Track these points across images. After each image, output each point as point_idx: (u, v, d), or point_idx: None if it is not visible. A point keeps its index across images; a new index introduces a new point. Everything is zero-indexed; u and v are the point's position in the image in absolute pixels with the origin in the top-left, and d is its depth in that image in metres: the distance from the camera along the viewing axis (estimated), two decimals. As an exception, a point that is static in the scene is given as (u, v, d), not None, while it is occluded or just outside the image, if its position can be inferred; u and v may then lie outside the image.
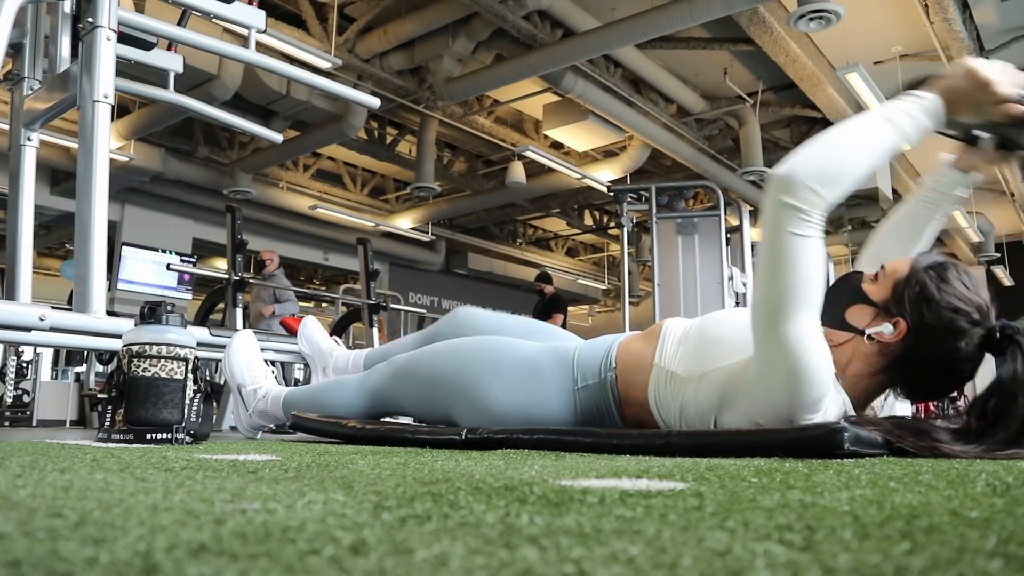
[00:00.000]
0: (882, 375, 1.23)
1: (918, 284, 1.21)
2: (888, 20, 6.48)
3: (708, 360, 1.29)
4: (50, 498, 0.53)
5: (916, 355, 1.20)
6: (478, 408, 1.51)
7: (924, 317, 1.19)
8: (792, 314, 1.09)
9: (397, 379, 1.69)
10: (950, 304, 1.19)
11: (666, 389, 1.34)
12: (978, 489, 0.64)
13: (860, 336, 1.23)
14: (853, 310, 1.25)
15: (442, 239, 12.20)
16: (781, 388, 1.14)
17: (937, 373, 1.22)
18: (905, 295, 1.21)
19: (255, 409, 1.84)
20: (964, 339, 1.18)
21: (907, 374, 1.23)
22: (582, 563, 0.33)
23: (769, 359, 1.14)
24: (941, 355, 1.20)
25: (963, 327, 1.18)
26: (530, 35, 6.14)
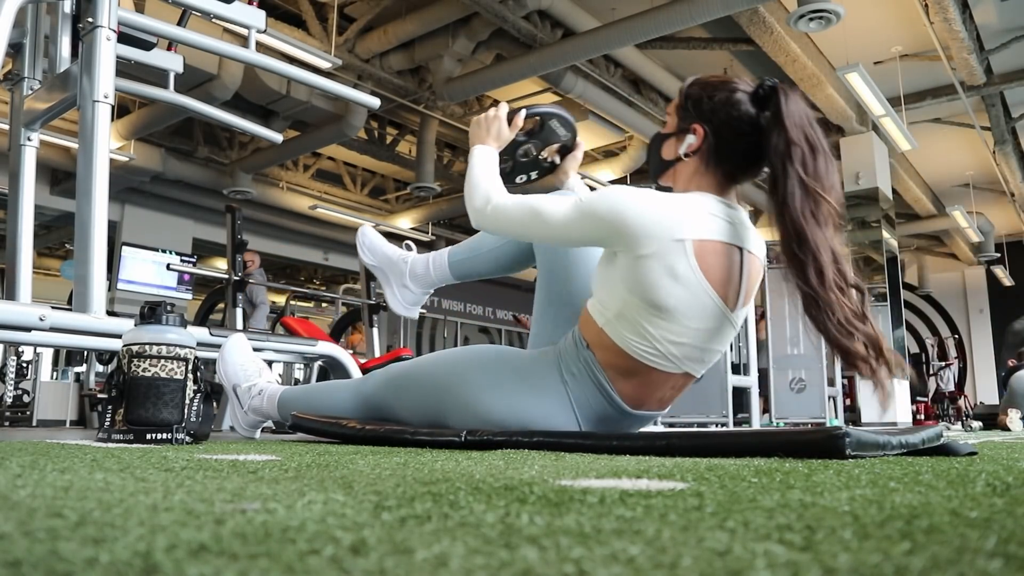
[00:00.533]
0: (714, 172, 1.44)
1: (688, 96, 1.47)
2: (888, 20, 6.48)
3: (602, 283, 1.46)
4: (50, 498, 0.53)
5: (719, 139, 1.43)
6: (474, 415, 1.51)
7: (706, 111, 1.43)
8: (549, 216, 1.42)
9: (392, 386, 1.69)
10: (717, 90, 1.44)
11: (624, 328, 1.40)
12: (978, 489, 0.64)
13: (681, 160, 1.46)
14: (665, 149, 1.50)
15: (442, 239, 12.20)
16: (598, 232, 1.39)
17: (743, 140, 1.42)
18: (686, 108, 1.47)
19: (250, 406, 1.84)
20: (741, 105, 1.41)
21: (726, 156, 1.43)
22: (582, 563, 0.33)
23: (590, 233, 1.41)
24: (734, 124, 1.42)
25: (735, 98, 1.42)
26: (530, 35, 6.14)
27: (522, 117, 1.67)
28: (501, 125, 1.64)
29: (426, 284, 1.84)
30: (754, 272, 1.47)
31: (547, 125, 1.71)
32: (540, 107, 1.72)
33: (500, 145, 1.64)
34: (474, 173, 1.58)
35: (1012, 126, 8.23)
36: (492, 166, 1.60)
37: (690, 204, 1.38)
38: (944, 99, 7.52)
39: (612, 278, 1.41)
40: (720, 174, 1.45)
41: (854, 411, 7.71)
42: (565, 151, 1.77)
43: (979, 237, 10.75)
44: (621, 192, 1.38)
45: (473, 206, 1.54)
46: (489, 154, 1.61)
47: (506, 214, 1.48)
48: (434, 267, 1.82)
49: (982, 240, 11.07)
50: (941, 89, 7.47)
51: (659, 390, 1.46)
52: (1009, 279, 12.62)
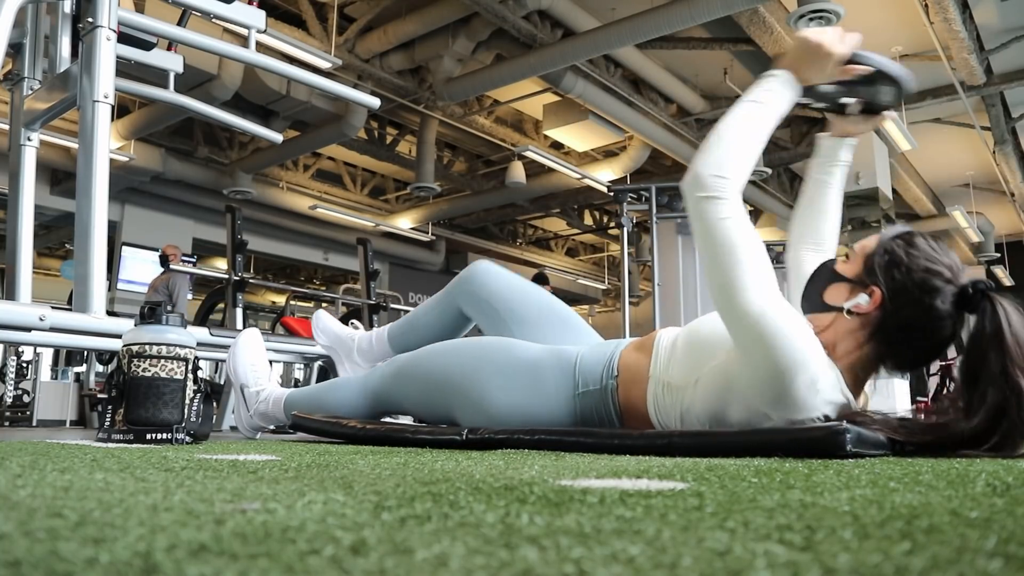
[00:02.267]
0: (867, 347, 1.25)
1: (887, 252, 1.25)
2: (888, 20, 6.48)
3: (699, 363, 1.31)
4: (50, 498, 0.53)
5: (895, 320, 1.22)
6: (479, 409, 1.51)
7: (896, 281, 1.22)
8: (743, 287, 1.15)
9: (398, 379, 1.69)
10: (920, 265, 1.22)
11: (664, 399, 1.35)
12: (978, 489, 0.64)
13: (840, 313, 1.25)
14: (830, 291, 1.29)
15: (442, 239, 12.21)
16: (763, 362, 1.15)
17: (918, 336, 1.23)
18: (876, 264, 1.25)
19: (256, 411, 1.84)
20: (938, 297, 1.20)
21: (890, 341, 1.24)
22: (582, 563, 0.33)
23: (742, 339, 1.17)
24: (918, 316, 1.21)
25: (936, 285, 1.21)
26: (530, 35, 6.14)
27: (863, 69, 1.32)
28: (833, 64, 1.29)
29: (371, 359, 1.95)
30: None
31: (881, 86, 1.37)
32: (891, 65, 1.36)
33: (817, 83, 1.33)
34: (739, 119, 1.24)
35: (1012, 126, 8.23)
36: (770, 125, 1.26)
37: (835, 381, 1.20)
38: (944, 99, 7.51)
39: (718, 380, 1.25)
40: (873, 356, 1.25)
41: (854, 411, 7.71)
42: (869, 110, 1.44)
43: (979, 237, 10.75)
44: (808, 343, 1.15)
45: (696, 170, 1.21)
46: (786, 100, 1.28)
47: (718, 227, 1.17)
48: (376, 342, 1.94)
49: (982, 240, 11.07)
50: (941, 89, 7.47)
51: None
52: (1009, 279, 12.61)
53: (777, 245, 7.78)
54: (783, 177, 9.92)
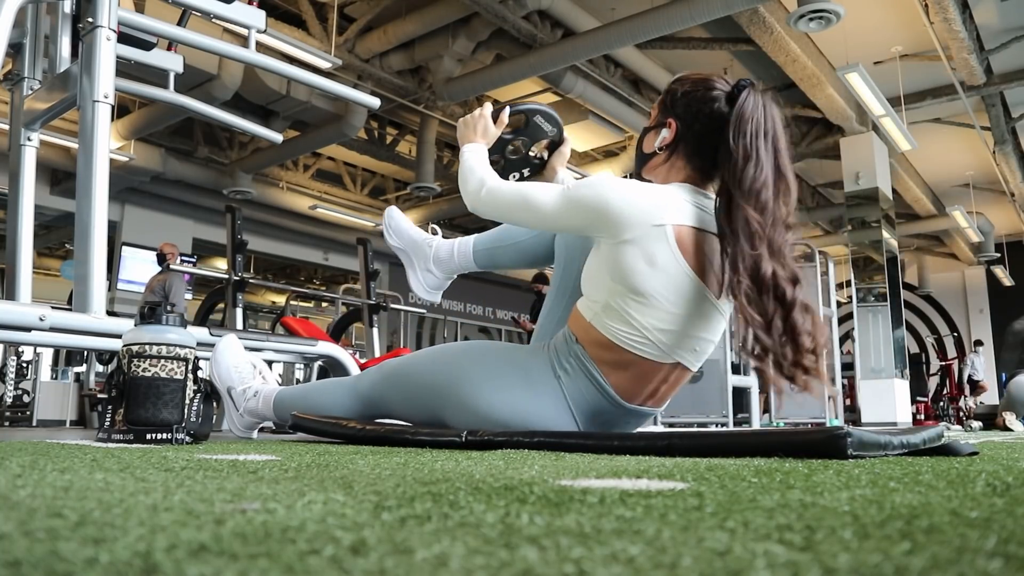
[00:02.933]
0: (687, 163, 1.48)
1: (669, 92, 1.52)
2: (888, 20, 6.48)
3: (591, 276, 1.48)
4: (50, 498, 0.53)
5: (691, 133, 1.47)
6: (469, 411, 1.51)
7: (682, 106, 1.48)
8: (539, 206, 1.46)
9: (388, 384, 1.69)
10: (695, 87, 1.48)
11: (604, 317, 1.42)
12: (978, 489, 0.64)
13: (657, 153, 1.51)
14: (645, 143, 1.55)
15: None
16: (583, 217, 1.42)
17: (711, 136, 1.44)
18: (665, 104, 1.52)
19: (246, 408, 1.83)
20: (715, 102, 1.44)
21: (694, 151, 1.47)
22: (582, 563, 0.33)
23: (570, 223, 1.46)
24: (705, 121, 1.45)
25: (709, 95, 1.45)
26: (530, 35, 6.14)
27: (507, 114, 1.71)
28: (487, 123, 1.69)
29: (449, 269, 1.84)
30: None
31: (532, 121, 1.76)
32: (523, 104, 1.77)
33: (488, 142, 1.68)
34: (467, 163, 1.62)
35: (1012, 126, 8.24)
36: (484, 158, 1.64)
37: (668, 192, 1.42)
38: (944, 99, 7.52)
39: (597, 270, 1.44)
40: (692, 168, 1.49)
41: (854, 411, 7.71)
42: (553, 147, 1.81)
43: (979, 237, 10.75)
44: (605, 180, 1.42)
45: (468, 191, 1.58)
46: (479, 150, 1.66)
47: (500, 198, 1.52)
48: (458, 253, 1.82)
49: (982, 240, 11.08)
50: (941, 89, 7.48)
51: (651, 382, 1.46)
52: (1009, 279, 12.62)
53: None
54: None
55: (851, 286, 8.20)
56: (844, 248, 10.06)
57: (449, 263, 1.82)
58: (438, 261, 1.83)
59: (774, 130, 1.40)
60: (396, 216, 1.92)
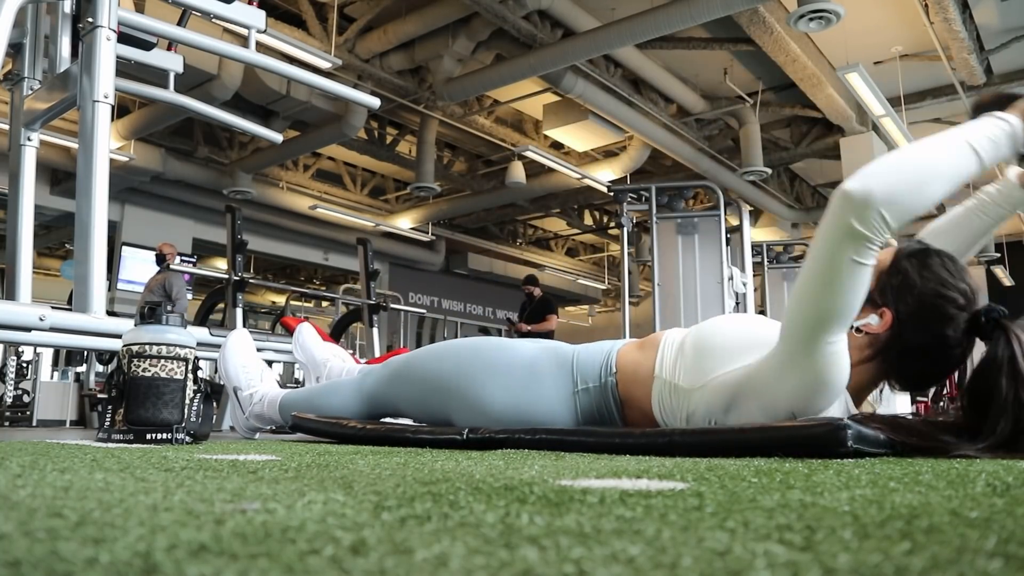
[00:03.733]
0: (872, 365, 1.24)
1: (900, 272, 1.22)
2: (888, 20, 6.48)
3: (710, 368, 1.30)
4: (50, 498, 0.53)
5: (904, 343, 1.21)
6: (476, 409, 1.50)
7: (908, 305, 1.20)
8: (834, 331, 1.11)
9: (394, 382, 1.69)
10: (933, 290, 1.19)
11: (671, 400, 1.35)
12: (978, 489, 0.64)
13: (850, 330, 1.22)
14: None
15: (442, 239, 12.21)
16: (802, 391, 1.15)
17: (926, 359, 1.22)
18: (888, 284, 1.22)
19: (251, 412, 1.84)
20: (950, 325, 1.18)
21: (897, 363, 1.23)
22: (582, 563, 0.33)
23: (799, 365, 1.14)
24: (928, 341, 1.20)
25: (948, 312, 1.18)
26: (530, 35, 6.14)
27: None
28: None
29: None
30: None
31: None
32: None
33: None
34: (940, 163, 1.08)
35: (1012, 126, 8.22)
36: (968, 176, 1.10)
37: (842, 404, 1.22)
38: (944, 99, 7.51)
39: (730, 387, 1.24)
40: (876, 371, 1.25)
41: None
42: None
43: (979, 237, 10.73)
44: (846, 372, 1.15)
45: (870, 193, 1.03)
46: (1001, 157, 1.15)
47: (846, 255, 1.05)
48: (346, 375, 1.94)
49: (982, 240, 11.06)
50: (941, 89, 7.47)
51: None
52: (1009, 279, 12.61)
53: (776, 245, 7.79)
54: (783, 177, 9.93)
55: (851, 286, 8.19)
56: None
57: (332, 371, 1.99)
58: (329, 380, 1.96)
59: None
60: (305, 333, 2.13)
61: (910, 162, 1.07)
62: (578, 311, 17.03)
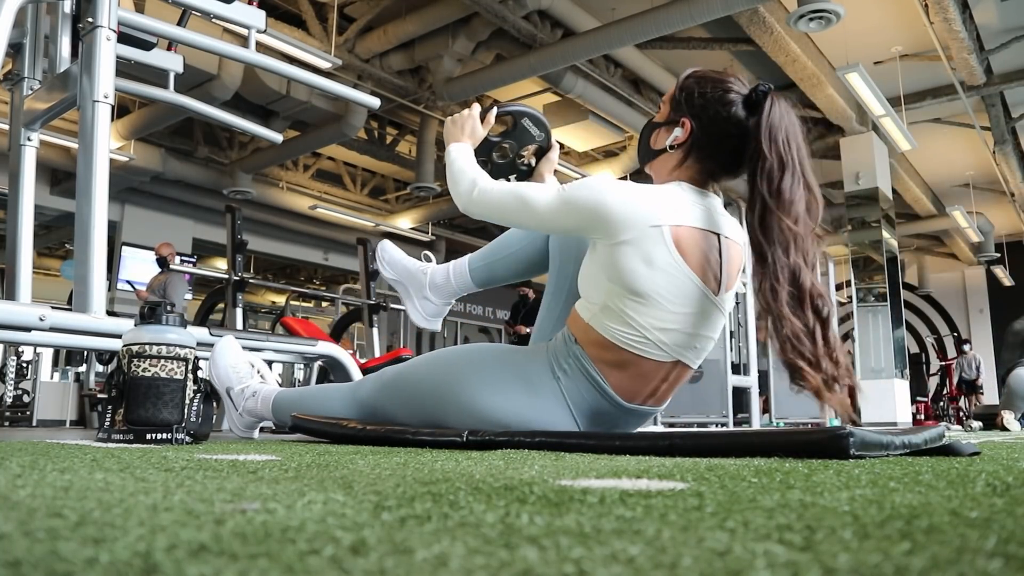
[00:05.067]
0: (695, 164, 1.47)
1: (683, 89, 1.49)
2: (888, 20, 6.48)
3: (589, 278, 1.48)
4: (50, 498, 0.53)
5: (706, 136, 1.45)
6: (470, 414, 1.51)
7: (697, 106, 1.45)
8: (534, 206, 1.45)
9: (387, 391, 1.69)
10: (712, 87, 1.46)
11: (603, 317, 1.42)
12: (978, 489, 0.64)
13: (667, 151, 1.48)
14: (654, 139, 1.52)
15: (442, 239, 12.21)
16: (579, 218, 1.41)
17: (728, 140, 1.44)
18: (680, 100, 1.49)
19: (244, 408, 1.83)
20: (732, 105, 1.43)
21: (708, 154, 1.46)
22: (582, 563, 0.33)
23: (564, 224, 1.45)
24: (722, 125, 1.43)
25: (729, 98, 1.43)
26: (530, 35, 6.14)
27: (494, 114, 1.69)
28: (475, 123, 1.67)
29: (447, 294, 1.82)
30: (734, 256, 1.49)
31: (520, 124, 1.73)
32: (511, 105, 1.74)
33: (475, 142, 1.66)
34: (456, 164, 1.59)
35: (1012, 126, 8.24)
36: (472, 158, 1.62)
37: (666, 193, 1.42)
38: (944, 99, 7.52)
39: (594, 271, 1.44)
40: (700, 170, 1.48)
41: (854, 411, 7.70)
42: (540, 153, 1.79)
43: (979, 237, 10.75)
44: (601, 181, 1.41)
45: (459, 192, 1.55)
46: (467, 149, 1.64)
47: (493, 198, 1.50)
48: (455, 275, 1.80)
49: (982, 240, 11.08)
50: (941, 89, 7.48)
51: (651, 381, 1.46)
52: (1009, 279, 12.62)
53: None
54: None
55: (851, 286, 8.20)
56: (844, 248, 10.05)
57: (446, 287, 1.80)
58: (435, 287, 1.81)
59: (798, 140, 1.39)
60: (389, 249, 1.92)
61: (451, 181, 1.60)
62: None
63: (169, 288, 6.10)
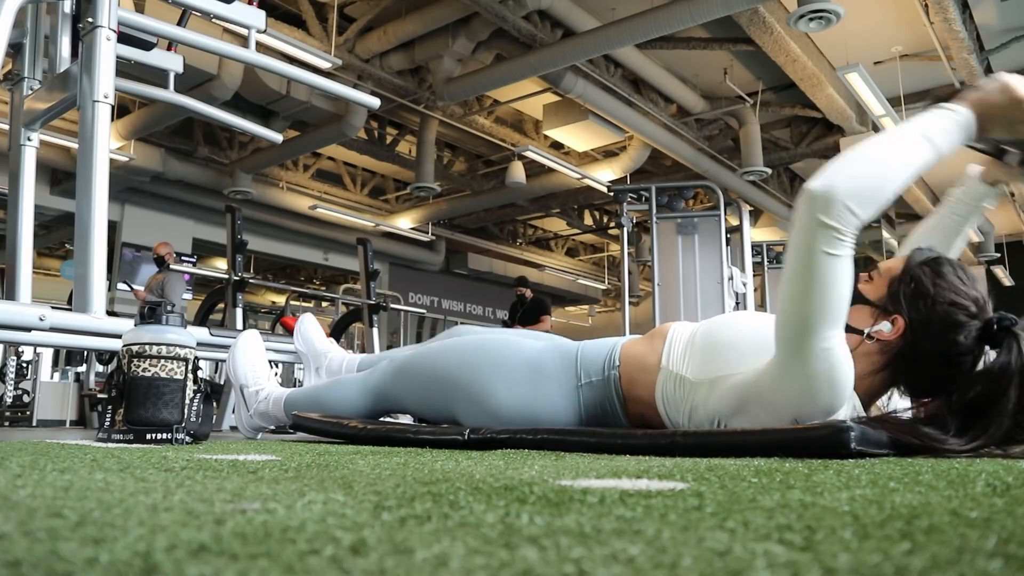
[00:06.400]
0: (884, 373, 1.24)
1: (912, 280, 1.22)
2: (888, 20, 6.48)
3: (719, 365, 1.29)
4: (50, 498, 0.53)
5: (915, 351, 1.21)
6: (481, 407, 1.50)
7: (920, 312, 1.20)
8: (821, 330, 1.10)
9: (399, 377, 1.69)
10: (945, 298, 1.20)
11: (675, 392, 1.34)
12: (978, 489, 0.64)
13: (860, 336, 1.23)
14: (852, 311, 1.19)
15: (442, 239, 12.21)
16: (804, 396, 1.14)
17: (937, 367, 1.22)
18: (901, 292, 1.22)
19: (256, 411, 1.84)
20: (962, 332, 1.19)
21: (908, 370, 1.24)
22: (582, 563, 0.33)
23: (796, 371, 1.14)
24: (940, 349, 1.20)
25: (960, 320, 1.19)
26: (530, 35, 6.14)
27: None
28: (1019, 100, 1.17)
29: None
30: None
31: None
32: None
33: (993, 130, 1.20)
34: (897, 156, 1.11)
35: (1012, 126, 8.22)
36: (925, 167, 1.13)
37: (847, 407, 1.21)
38: (944, 99, 7.50)
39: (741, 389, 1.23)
40: (887, 378, 1.25)
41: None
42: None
43: (979, 237, 10.75)
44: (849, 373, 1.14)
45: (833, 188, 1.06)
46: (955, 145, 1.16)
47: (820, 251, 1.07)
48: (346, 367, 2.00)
49: (982, 240, 11.07)
50: (941, 89, 7.46)
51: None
52: (1009, 279, 12.61)
53: (776, 245, 7.79)
54: (783, 177, 9.92)
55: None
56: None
57: (337, 373, 2.02)
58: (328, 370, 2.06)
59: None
60: (308, 324, 2.17)
61: (869, 155, 1.10)
62: (578, 311, 17.03)
63: (167, 288, 6.08)
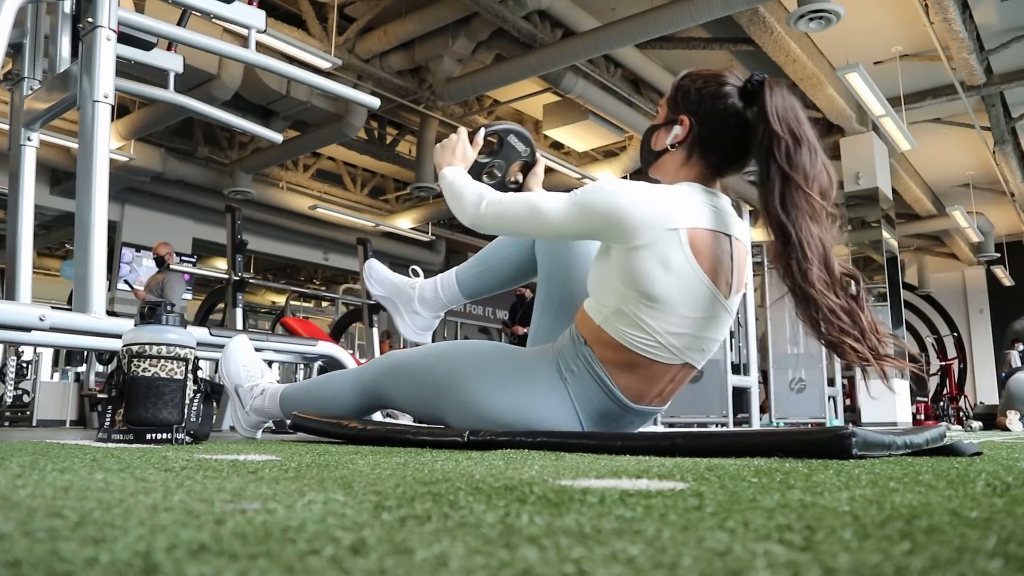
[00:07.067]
0: (700, 161, 1.47)
1: (678, 88, 1.51)
2: (888, 20, 6.48)
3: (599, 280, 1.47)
4: (50, 498, 0.53)
5: (705, 129, 1.45)
6: (469, 411, 1.51)
7: (693, 103, 1.47)
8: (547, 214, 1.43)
9: (393, 375, 1.70)
10: (705, 83, 1.48)
11: (616, 321, 1.41)
12: (978, 489, 0.64)
13: (668, 151, 1.48)
14: (655, 141, 1.52)
15: (442, 239, 12.21)
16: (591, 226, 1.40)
17: (728, 133, 1.45)
18: (676, 100, 1.50)
19: (252, 407, 1.84)
20: (728, 98, 1.45)
21: (710, 147, 1.46)
22: (582, 563, 0.33)
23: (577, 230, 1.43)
24: (721, 119, 1.45)
25: (724, 91, 1.46)
26: (530, 35, 6.14)
27: (482, 135, 1.70)
28: (465, 145, 1.67)
29: (436, 307, 1.84)
30: (742, 258, 1.49)
31: (506, 142, 1.76)
32: (496, 124, 1.77)
33: (466, 165, 1.66)
34: (456, 184, 1.58)
35: (1012, 126, 8.23)
36: (468, 177, 1.61)
37: (680, 194, 1.40)
38: (944, 99, 7.51)
39: (607, 274, 1.42)
40: (705, 166, 1.47)
41: (854, 411, 7.70)
42: (527, 168, 1.80)
43: (979, 237, 10.74)
44: (614, 184, 1.39)
45: (465, 209, 1.53)
46: (461, 171, 1.63)
47: (504, 210, 1.48)
48: (443, 288, 1.82)
49: (982, 240, 11.07)
50: (941, 89, 7.47)
51: (659, 382, 1.47)
52: (1009, 279, 12.61)
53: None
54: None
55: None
56: (844, 248, 10.04)
57: (435, 301, 1.83)
58: (423, 301, 1.84)
59: (804, 118, 1.40)
60: (376, 266, 1.97)
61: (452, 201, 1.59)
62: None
63: (167, 288, 6.07)
